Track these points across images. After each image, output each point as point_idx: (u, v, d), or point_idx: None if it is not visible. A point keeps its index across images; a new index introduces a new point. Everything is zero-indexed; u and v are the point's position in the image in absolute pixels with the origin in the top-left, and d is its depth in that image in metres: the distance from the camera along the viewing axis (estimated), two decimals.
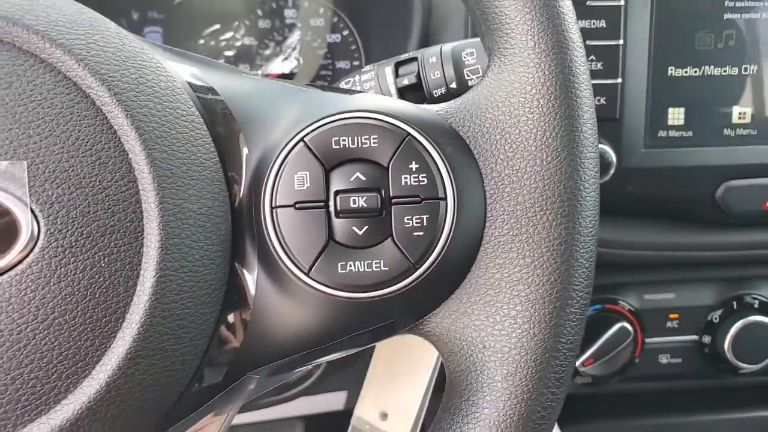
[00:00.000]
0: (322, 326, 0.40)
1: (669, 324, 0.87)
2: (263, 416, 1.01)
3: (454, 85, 0.59)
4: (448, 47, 0.60)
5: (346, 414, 0.99)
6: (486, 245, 0.40)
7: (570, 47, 0.40)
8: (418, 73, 0.60)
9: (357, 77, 0.63)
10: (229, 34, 0.99)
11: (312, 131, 0.39)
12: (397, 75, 0.61)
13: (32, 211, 0.34)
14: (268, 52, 1.00)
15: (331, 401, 1.03)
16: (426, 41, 0.84)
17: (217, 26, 0.98)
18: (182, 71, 0.41)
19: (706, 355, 0.87)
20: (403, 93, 0.61)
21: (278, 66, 1.00)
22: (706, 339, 0.86)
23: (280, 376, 0.44)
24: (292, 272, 0.39)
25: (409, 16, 0.83)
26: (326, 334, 0.40)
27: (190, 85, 0.40)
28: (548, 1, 0.40)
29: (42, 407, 0.34)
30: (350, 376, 0.99)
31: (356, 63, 1.03)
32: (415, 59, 0.61)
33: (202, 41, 0.98)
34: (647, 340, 0.87)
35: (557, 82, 0.39)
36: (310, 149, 0.39)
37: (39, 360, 0.34)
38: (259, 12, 1.01)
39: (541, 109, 0.39)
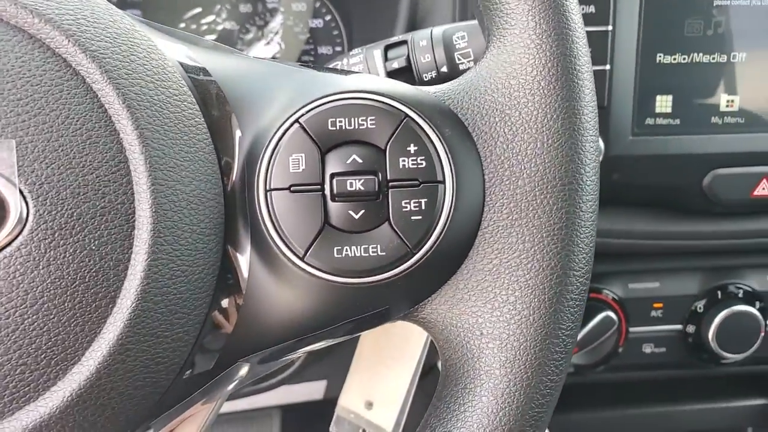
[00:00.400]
0: (317, 312, 0.39)
1: (653, 313, 0.86)
2: (240, 406, 1.00)
3: (444, 69, 0.58)
4: (438, 30, 0.59)
5: (325, 403, 0.99)
6: (484, 230, 0.39)
7: (571, 28, 0.39)
8: (408, 56, 0.59)
9: (345, 60, 0.62)
10: (210, 18, 0.97)
11: (307, 112, 0.38)
12: (386, 58, 0.60)
13: (21, 192, 0.32)
14: (249, 36, 0.99)
15: (311, 390, 1.03)
16: (413, 26, 0.82)
17: (198, 10, 0.97)
18: (175, 51, 0.39)
19: (690, 345, 0.87)
20: (393, 76, 0.59)
21: (260, 51, 0.99)
22: (690, 329, 0.86)
23: (270, 364, 0.43)
24: (286, 257, 0.37)
25: (396, 2, 0.82)
26: (320, 320, 0.39)
27: (182, 65, 0.39)
28: None
29: (30, 394, 0.33)
30: (330, 366, 0.98)
31: (338, 48, 1.02)
32: (404, 42, 0.60)
33: (182, 24, 0.97)
34: (631, 329, 0.86)
35: (558, 64, 0.38)
36: (305, 131, 0.38)
37: (27, 345, 0.32)
38: None
39: (541, 92, 0.38)
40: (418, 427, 0.41)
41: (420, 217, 0.38)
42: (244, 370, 0.41)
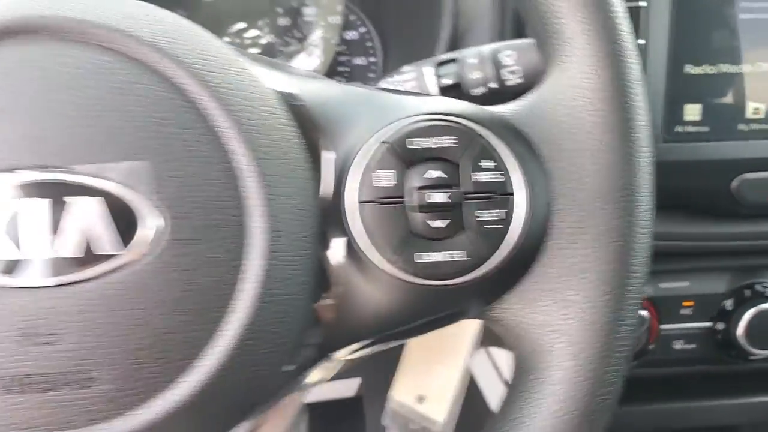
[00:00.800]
0: (401, 311, 0.43)
1: (683, 311, 0.90)
2: None
3: (493, 85, 0.62)
4: (487, 49, 0.63)
5: (355, 401, 1.02)
6: (553, 237, 0.43)
7: (626, 55, 0.43)
8: (458, 73, 0.63)
9: (396, 77, 0.66)
10: (253, 32, 1.01)
11: (391, 132, 0.42)
12: (436, 75, 0.64)
13: (155, 208, 0.37)
14: (290, 49, 1.03)
15: (343, 388, 1.06)
16: (454, 42, 0.86)
17: (242, 24, 1.01)
18: (268, 78, 0.44)
19: (719, 342, 0.90)
20: (444, 92, 0.64)
21: (301, 63, 1.03)
22: (720, 326, 0.89)
23: (354, 357, 0.47)
24: (374, 261, 0.42)
25: (437, 18, 0.86)
26: (404, 317, 0.44)
27: (277, 91, 0.43)
28: (606, 13, 0.43)
29: (164, 384, 0.37)
30: (365, 363, 1.01)
31: (373, 59, 1.06)
32: (454, 60, 0.64)
33: (227, 39, 1.00)
34: (662, 326, 0.89)
35: (615, 88, 0.43)
36: (390, 149, 0.42)
37: (161, 342, 0.37)
38: (279, 10, 1.03)
39: (601, 112, 0.43)
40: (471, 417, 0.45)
41: (495, 227, 0.42)
42: (333, 364, 0.46)
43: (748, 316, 0.86)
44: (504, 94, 0.62)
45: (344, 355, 0.46)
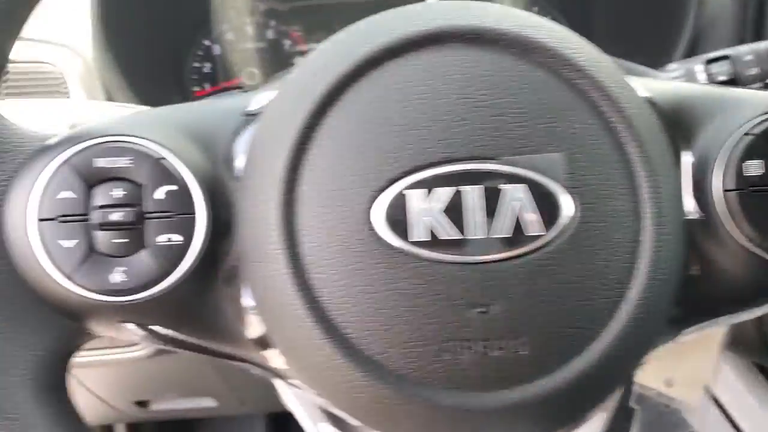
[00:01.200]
0: (755, 288, 0.47)
1: None
2: None
3: None
4: (761, 46, 0.66)
5: None
6: None
7: None
8: (732, 70, 0.66)
9: (662, 74, 0.69)
10: None
11: (755, 126, 0.45)
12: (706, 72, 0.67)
13: (569, 195, 0.41)
14: None
15: None
16: (692, 44, 0.88)
17: None
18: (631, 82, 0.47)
19: None
20: None
21: None
22: None
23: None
24: (740, 242, 0.44)
25: (682, 17, 0.88)
26: (755, 295, 0.48)
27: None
28: None
29: (575, 350, 0.42)
30: None
31: None
32: (726, 57, 0.67)
33: None
34: None
35: None
36: (755, 141, 0.45)
37: (574, 313, 0.42)
38: None
39: None
40: None
41: None
42: (680, 339, 0.50)
43: None
44: None
45: (691, 332, 0.49)
